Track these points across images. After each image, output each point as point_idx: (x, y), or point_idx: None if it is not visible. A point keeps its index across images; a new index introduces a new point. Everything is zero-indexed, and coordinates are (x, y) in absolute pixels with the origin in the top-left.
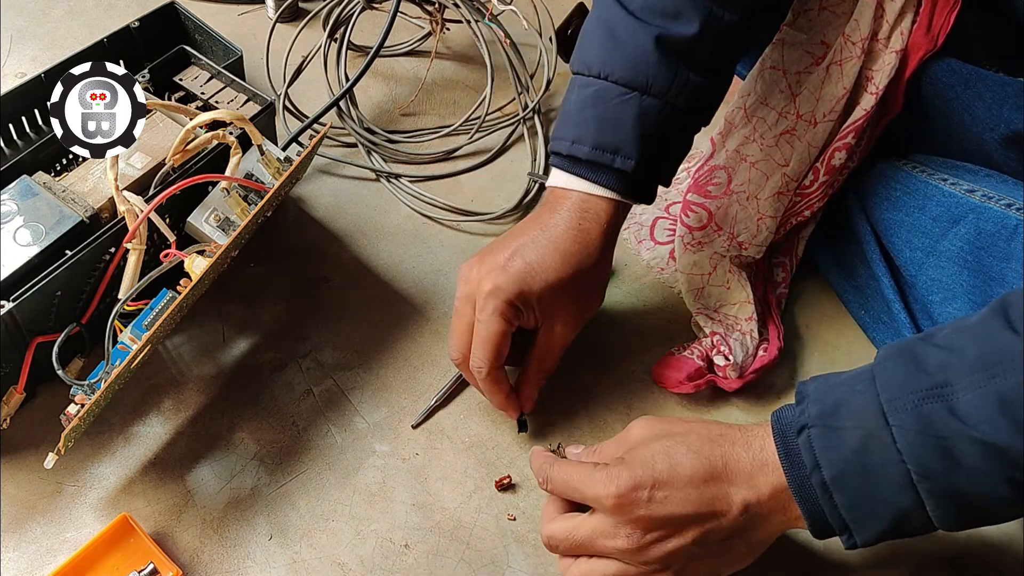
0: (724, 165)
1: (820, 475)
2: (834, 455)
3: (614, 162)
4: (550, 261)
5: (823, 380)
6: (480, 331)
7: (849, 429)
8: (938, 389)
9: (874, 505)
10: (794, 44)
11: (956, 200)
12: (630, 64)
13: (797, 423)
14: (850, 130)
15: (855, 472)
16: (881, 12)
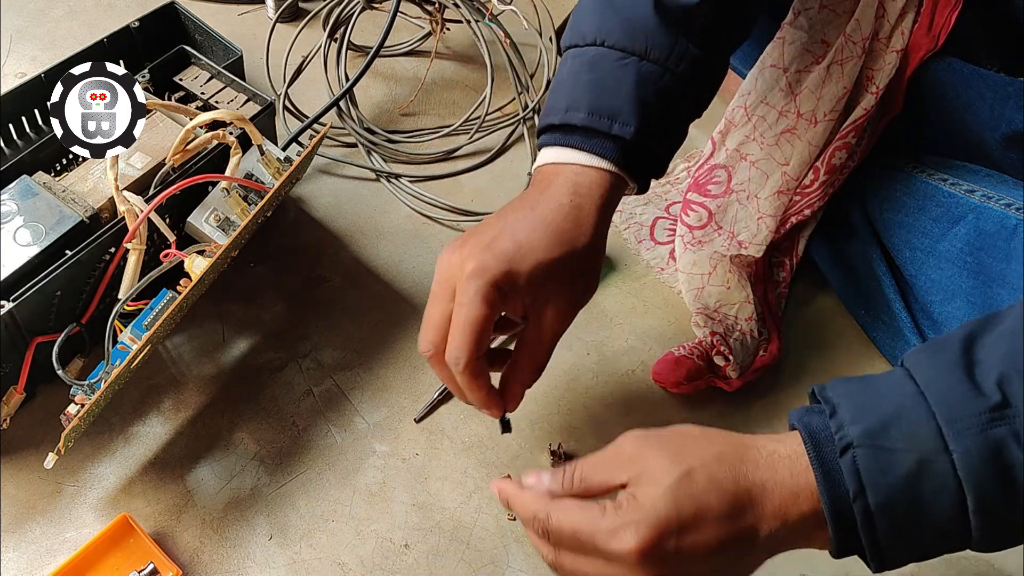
0: (724, 164)
1: (864, 501)
2: (883, 480)
3: (611, 128)
4: (540, 239)
5: (852, 387)
6: (460, 316)
7: (901, 452)
8: (1001, 411)
9: (918, 534)
10: (794, 43)
11: (956, 200)
12: (628, 28)
13: (839, 441)
14: (850, 129)
15: (905, 500)
16: (882, 11)
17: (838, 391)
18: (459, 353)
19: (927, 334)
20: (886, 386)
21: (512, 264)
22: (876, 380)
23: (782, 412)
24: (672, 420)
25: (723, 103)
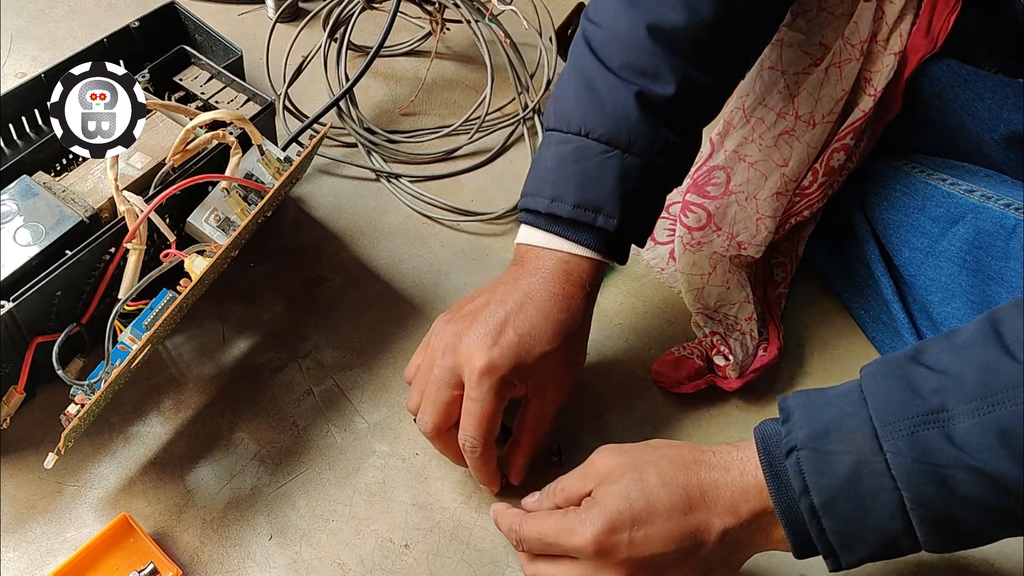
0: (723, 165)
1: (809, 500)
2: (824, 480)
3: (596, 221)
4: (542, 332)
5: (807, 397)
6: (474, 409)
7: (840, 454)
8: (935, 415)
9: (863, 530)
10: (792, 45)
11: (955, 200)
12: (612, 121)
13: (785, 444)
14: (849, 131)
15: (845, 498)
16: (880, 14)
17: (795, 400)
18: (475, 443)
19: (925, 334)
20: (836, 395)
21: (519, 360)
22: (831, 390)
23: None
24: (672, 420)
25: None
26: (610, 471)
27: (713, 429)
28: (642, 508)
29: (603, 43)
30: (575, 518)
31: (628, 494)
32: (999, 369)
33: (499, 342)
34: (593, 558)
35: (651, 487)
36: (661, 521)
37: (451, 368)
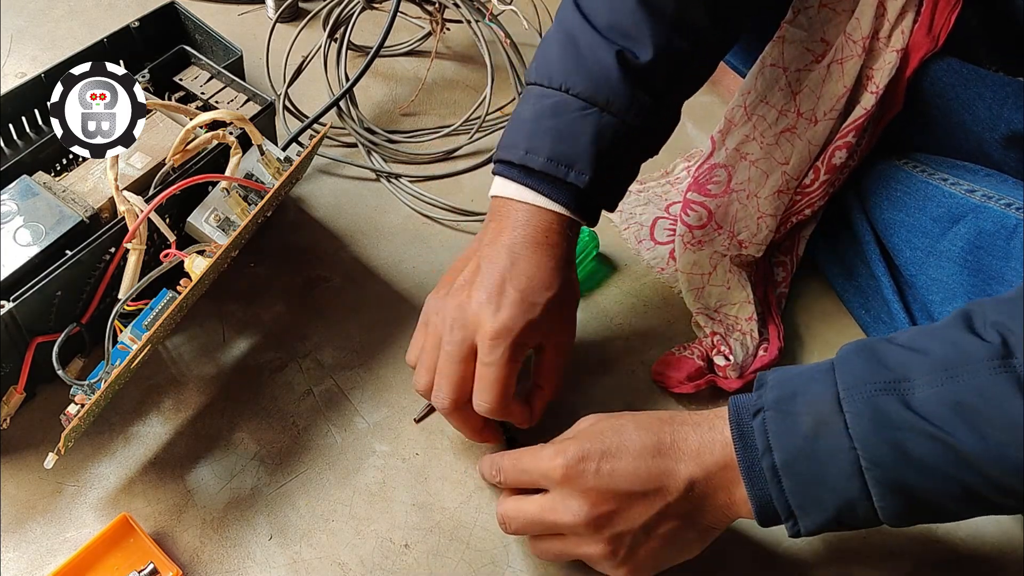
0: (724, 163)
1: (771, 458)
2: (786, 439)
3: (568, 176)
4: (539, 282)
5: (784, 370)
6: (489, 375)
7: (803, 415)
8: (896, 384)
9: (821, 492)
10: (794, 41)
11: (956, 200)
12: (592, 80)
13: (753, 406)
14: (850, 129)
15: (805, 457)
16: (882, 11)
17: (772, 373)
18: (492, 404)
19: None
20: (809, 368)
21: (528, 315)
22: (807, 365)
23: None
24: None
25: (723, 103)
26: (591, 423)
27: None
28: (613, 444)
29: (590, 1)
30: (550, 447)
31: (601, 432)
32: (964, 347)
33: (503, 303)
34: (560, 483)
35: (625, 429)
36: (629, 458)
37: (461, 341)
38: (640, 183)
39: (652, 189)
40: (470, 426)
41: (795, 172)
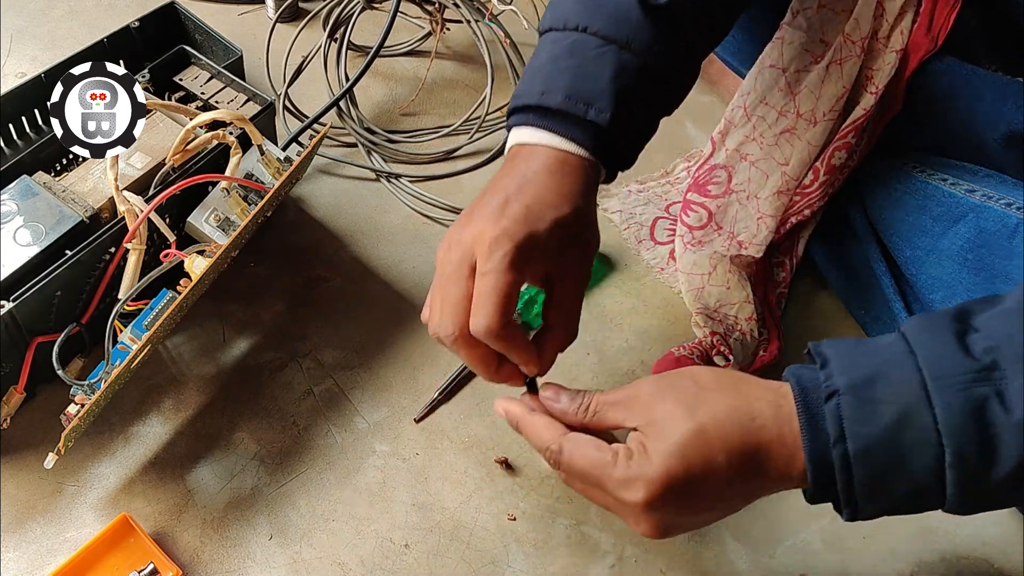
0: (724, 164)
1: (844, 447)
2: (864, 429)
3: (587, 113)
4: (549, 200)
5: (843, 345)
6: (486, 285)
7: (884, 404)
8: (987, 372)
9: (893, 483)
10: (793, 42)
11: (956, 200)
12: (611, 18)
13: (825, 388)
14: (850, 129)
15: (883, 448)
16: (881, 11)
17: (831, 347)
18: (490, 320)
19: None
20: (878, 346)
21: (531, 225)
22: (870, 341)
23: None
24: None
25: (723, 103)
26: (661, 416)
27: None
28: (700, 472)
29: None
30: (628, 470)
31: (687, 456)
32: None
33: (506, 213)
34: (640, 514)
35: (712, 450)
36: (717, 486)
37: (460, 258)
38: (640, 183)
39: (652, 189)
40: (481, 360)
41: (795, 172)
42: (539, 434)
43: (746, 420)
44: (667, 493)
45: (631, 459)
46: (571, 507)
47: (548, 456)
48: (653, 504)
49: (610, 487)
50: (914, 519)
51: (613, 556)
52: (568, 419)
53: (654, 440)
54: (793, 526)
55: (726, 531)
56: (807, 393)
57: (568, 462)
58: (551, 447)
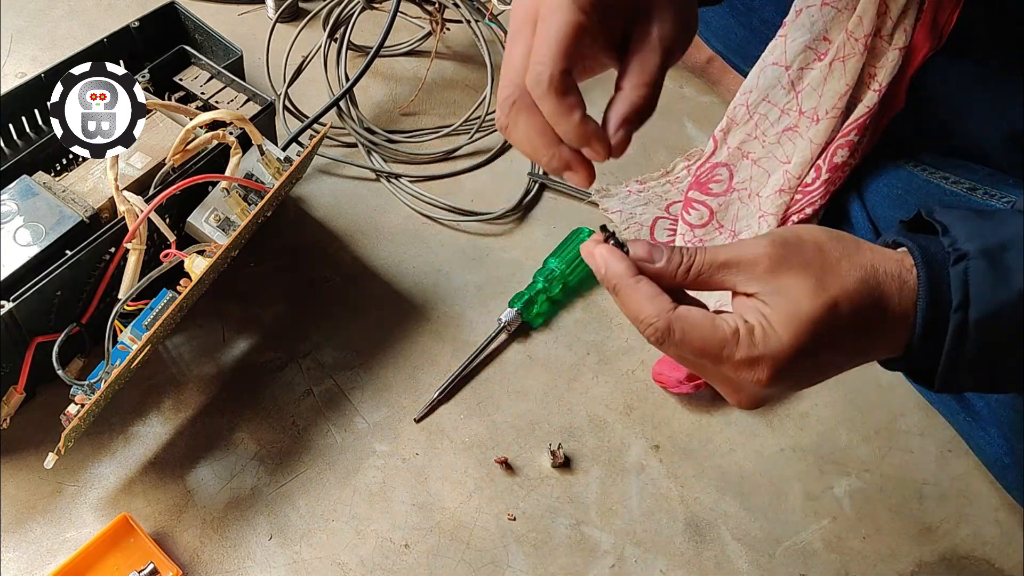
0: (726, 162)
1: (964, 314)
2: (992, 295)
3: None
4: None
5: (961, 214)
6: (546, 28)
7: (1017, 271)
8: None
9: (1005, 356)
10: (796, 40)
11: (957, 198)
12: None
13: (953, 252)
14: (852, 127)
15: (1008, 319)
16: (885, 8)
17: (948, 215)
18: (542, 67)
19: None
20: (1002, 218)
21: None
22: (989, 212)
23: (782, 412)
24: (672, 420)
25: (723, 103)
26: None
27: (713, 429)
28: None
29: None
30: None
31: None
32: None
33: None
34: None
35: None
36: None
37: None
38: (640, 183)
39: (652, 189)
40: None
41: (797, 171)
42: (641, 306)
43: (876, 295)
44: (792, 370)
45: (753, 335)
46: (571, 507)
47: (651, 333)
48: (773, 381)
49: (729, 367)
50: (914, 519)
51: (613, 556)
52: (664, 280)
53: (781, 314)
54: (793, 526)
55: (726, 531)
56: (931, 258)
57: (679, 341)
58: (656, 325)
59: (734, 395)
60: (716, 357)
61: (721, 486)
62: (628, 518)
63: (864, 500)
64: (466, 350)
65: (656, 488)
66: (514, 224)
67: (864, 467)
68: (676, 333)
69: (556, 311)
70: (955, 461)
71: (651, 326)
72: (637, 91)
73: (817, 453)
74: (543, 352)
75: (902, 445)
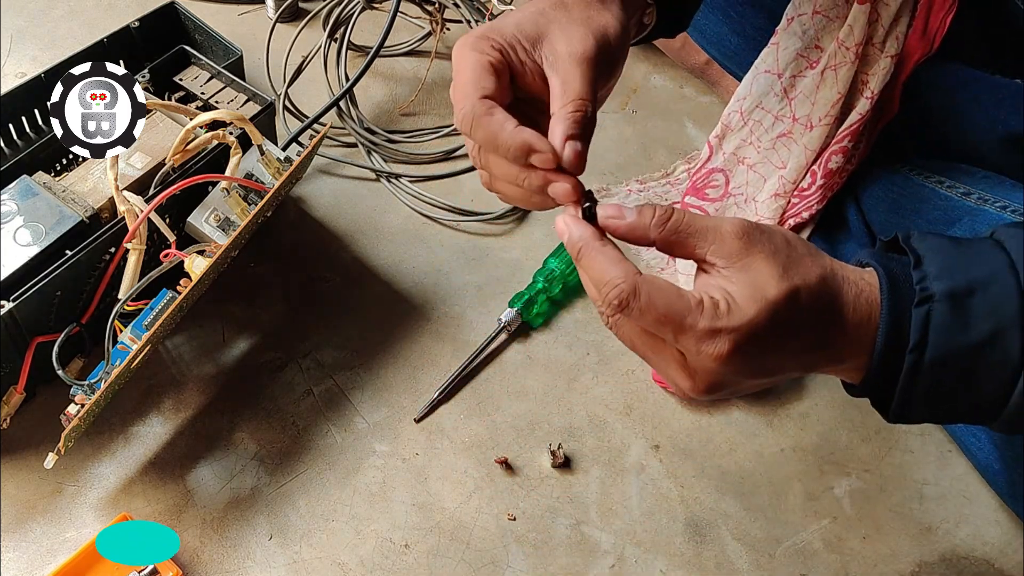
0: (722, 168)
1: (920, 355)
2: (949, 340)
3: None
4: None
5: (939, 244)
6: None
7: (980, 319)
8: None
9: (955, 396)
10: (788, 48)
11: (952, 203)
12: None
13: (920, 292)
14: (846, 134)
15: (961, 366)
16: (876, 16)
17: (926, 244)
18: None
19: None
20: (977, 252)
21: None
22: (966, 243)
23: (782, 412)
24: (672, 420)
25: (723, 104)
26: (756, 267)
27: (713, 429)
28: (784, 334)
29: None
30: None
31: (777, 315)
32: None
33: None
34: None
35: (800, 316)
36: (779, 364)
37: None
38: (640, 183)
39: (653, 189)
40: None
41: (792, 176)
42: (605, 269)
43: (833, 294)
44: (750, 351)
45: (718, 308)
46: (571, 507)
47: (615, 295)
48: (731, 357)
49: (690, 337)
50: (914, 519)
51: (613, 556)
52: (637, 233)
53: (746, 291)
54: (793, 526)
55: (726, 531)
56: (896, 289)
57: (644, 306)
58: (621, 286)
59: (687, 379)
60: (679, 325)
61: (721, 486)
62: (628, 518)
63: (864, 500)
64: (466, 350)
65: (656, 488)
66: (514, 224)
67: (864, 467)
68: (642, 296)
69: (556, 311)
70: (955, 461)
71: (616, 287)
72: (565, 109)
73: (817, 453)
74: (543, 352)
75: (902, 445)
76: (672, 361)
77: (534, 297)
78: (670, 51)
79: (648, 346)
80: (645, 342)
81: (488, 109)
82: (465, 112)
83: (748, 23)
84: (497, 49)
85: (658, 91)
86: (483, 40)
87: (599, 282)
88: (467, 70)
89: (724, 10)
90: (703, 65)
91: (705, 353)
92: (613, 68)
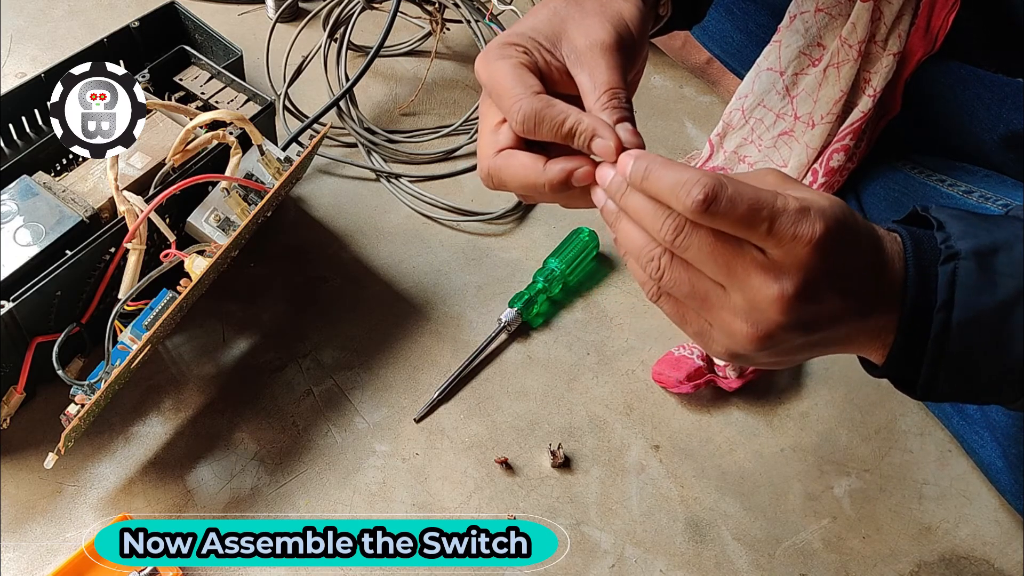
0: (723, 166)
1: (948, 314)
2: (976, 298)
3: None
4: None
5: (957, 213)
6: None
7: (1006, 276)
8: None
9: (983, 363)
10: (790, 46)
11: (954, 201)
12: None
13: (945, 250)
14: (848, 132)
15: (989, 322)
16: (878, 14)
17: (944, 213)
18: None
19: None
20: (996, 221)
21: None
22: (982, 215)
23: (782, 412)
24: (672, 420)
25: (723, 103)
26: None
27: (713, 429)
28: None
29: None
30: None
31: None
32: None
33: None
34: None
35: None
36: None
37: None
38: None
39: None
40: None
41: (793, 174)
42: (681, 170)
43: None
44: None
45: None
46: (571, 507)
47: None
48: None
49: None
50: (914, 519)
51: (613, 556)
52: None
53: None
54: (793, 526)
55: (726, 531)
56: (921, 250)
57: (733, 193)
58: (704, 179)
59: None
60: (772, 208)
61: (721, 486)
62: (628, 518)
63: (864, 500)
64: (466, 350)
65: (656, 488)
66: (514, 224)
67: (864, 467)
68: (731, 187)
69: (556, 311)
70: (955, 461)
71: (699, 182)
72: (600, 101)
73: (817, 453)
74: (543, 352)
75: (902, 445)
76: (752, 267)
77: (534, 297)
78: (670, 50)
79: (724, 259)
80: (721, 254)
81: (548, 102)
82: (526, 113)
83: (751, 20)
84: (523, 52)
85: (658, 91)
86: (507, 47)
87: (677, 184)
88: (505, 77)
89: (728, 7)
90: (703, 64)
91: (800, 236)
92: (637, 52)
